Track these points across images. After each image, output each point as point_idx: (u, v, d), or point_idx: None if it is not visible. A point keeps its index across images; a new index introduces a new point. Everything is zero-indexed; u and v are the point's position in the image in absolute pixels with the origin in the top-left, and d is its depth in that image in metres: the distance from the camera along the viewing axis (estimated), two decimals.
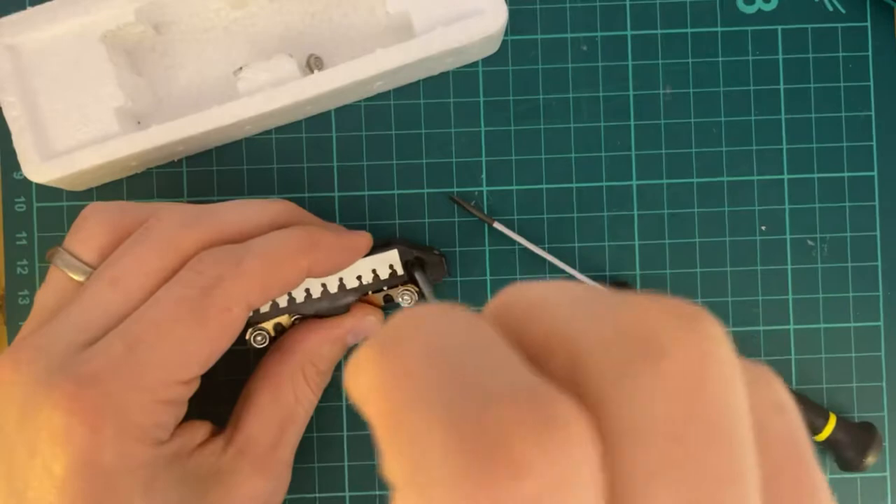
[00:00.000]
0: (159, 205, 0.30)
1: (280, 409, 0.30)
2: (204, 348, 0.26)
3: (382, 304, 0.34)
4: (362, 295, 0.33)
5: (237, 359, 0.34)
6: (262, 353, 0.33)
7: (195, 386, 0.28)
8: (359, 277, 0.32)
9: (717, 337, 0.10)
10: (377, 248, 0.33)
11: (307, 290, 0.32)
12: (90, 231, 0.29)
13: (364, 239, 0.32)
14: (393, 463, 0.10)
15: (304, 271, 0.29)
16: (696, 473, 0.09)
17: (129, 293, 0.27)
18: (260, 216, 0.30)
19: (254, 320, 0.32)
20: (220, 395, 0.32)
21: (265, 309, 0.32)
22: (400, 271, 0.33)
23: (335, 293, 0.32)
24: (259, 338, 0.32)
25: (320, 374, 0.32)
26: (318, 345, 0.32)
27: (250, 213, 0.30)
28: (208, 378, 0.28)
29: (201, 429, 0.29)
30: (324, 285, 0.32)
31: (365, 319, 0.33)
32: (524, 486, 0.09)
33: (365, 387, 0.11)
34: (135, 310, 0.27)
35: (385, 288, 0.33)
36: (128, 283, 0.27)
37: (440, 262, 0.33)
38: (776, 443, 0.11)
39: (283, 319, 0.32)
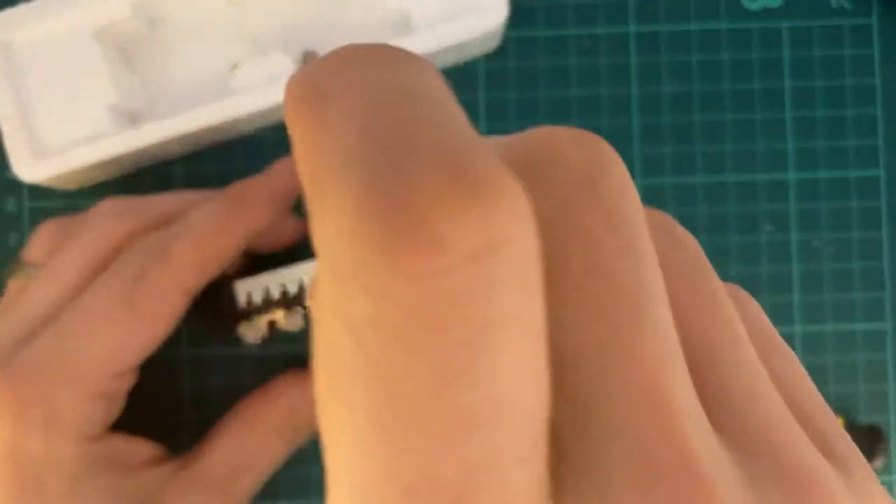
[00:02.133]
0: (104, 202, 0.31)
1: (246, 451, 0.29)
2: (135, 339, 0.26)
3: None
4: None
5: (232, 363, 0.34)
6: (255, 356, 0.32)
7: (130, 380, 0.27)
8: None
9: (613, 157, 0.11)
10: None
11: (301, 282, 0.31)
12: (40, 237, 0.30)
13: (287, 168, 0.31)
14: (316, 230, 0.09)
15: (241, 236, 0.28)
16: (594, 255, 0.10)
17: (64, 285, 0.27)
18: (195, 201, 0.30)
19: (246, 311, 0.31)
20: (216, 400, 0.32)
21: (258, 300, 0.31)
22: None
23: None
24: (251, 334, 0.31)
25: (295, 431, 0.31)
26: (300, 400, 0.31)
27: (186, 200, 0.30)
28: (200, 384, 0.28)
29: (146, 447, 0.28)
30: None
31: None
32: (438, 260, 0.08)
33: (293, 137, 0.10)
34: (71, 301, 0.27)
35: None
36: (62, 275, 0.27)
37: None
38: (673, 271, 0.11)
39: (280, 316, 0.31)
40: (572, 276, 0.10)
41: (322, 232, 0.09)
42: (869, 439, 0.34)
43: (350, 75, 0.10)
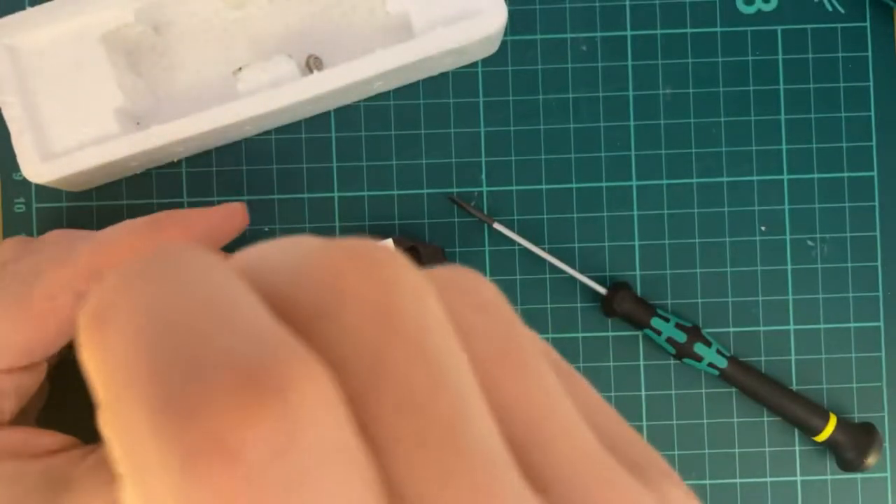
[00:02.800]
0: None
1: None
2: (21, 336, 0.26)
3: None
4: None
5: None
6: None
7: (24, 379, 0.27)
8: None
9: (394, 268, 0.11)
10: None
11: None
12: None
13: (228, 212, 0.30)
14: (115, 453, 0.09)
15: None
16: (405, 393, 0.10)
17: None
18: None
19: None
20: None
21: None
22: None
23: None
24: None
25: None
26: None
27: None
28: None
29: (51, 437, 0.28)
30: None
31: None
32: (238, 471, 0.08)
33: (86, 367, 0.10)
34: None
35: None
36: None
37: (438, 251, 0.33)
38: (482, 343, 0.11)
39: None
40: (388, 421, 0.10)
41: (123, 449, 0.09)
42: (863, 437, 0.34)
43: (131, 292, 0.10)
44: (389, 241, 0.33)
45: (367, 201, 0.36)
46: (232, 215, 0.30)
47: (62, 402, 0.31)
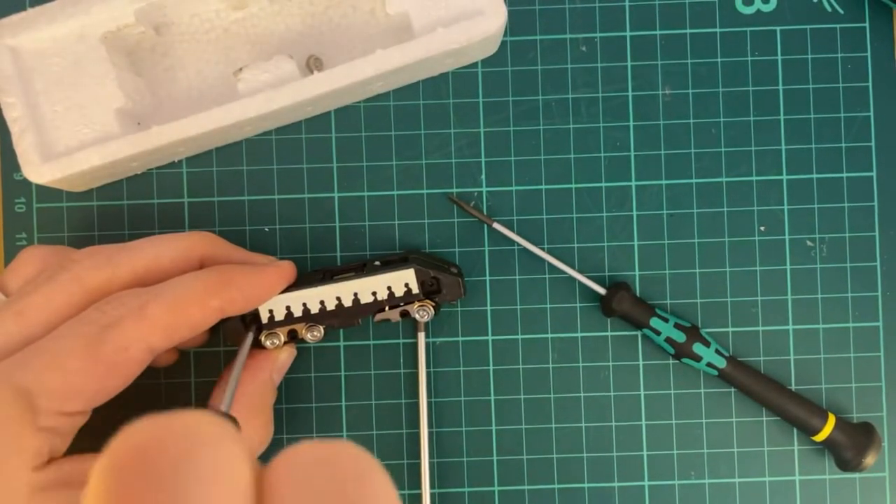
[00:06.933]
0: (85, 249, 0.31)
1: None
2: (92, 384, 0.26)
3: (398, 318, 0.33)
4: (377, 310, 0.33)
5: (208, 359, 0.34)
6: None
7: (80, 420, 0.27)
8: (374, 293, 0.32)
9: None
10: (393, 262, 0.33)
11: (322, 303, 0.32)
12: (21, 265, 0.30)
13: (284, 273, 0.32)
14: None
15: (215, 312, 0.29)
16: None
17: (31, 326, 0.28)
18: (173, 253, 0.30)
19: (269, 327, 0.32)
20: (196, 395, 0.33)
21: (280, 318, 0.32)
22: (415, 290, 0.32)
23: (349, 307, 0.32)
24: (275, 340, 0.32)
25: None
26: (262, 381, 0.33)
27: (163, 250, 0.30)
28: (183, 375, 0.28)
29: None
30: (338, 299, 0.32)
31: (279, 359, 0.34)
32: None
33: None
34: (35, 341, 0.27)
35: (401, 304, 0.33)
36: (31, 317, 0.28)
37: (457, 283, 0.33)
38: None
39: (299, 327, 0.32)
40: None
41: None
42: (861, 436, 0.34)
43: None
44: (411, 272, 0.32)
45: (366, 201, 0.36)
46: (285, 276, 0.32)
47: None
